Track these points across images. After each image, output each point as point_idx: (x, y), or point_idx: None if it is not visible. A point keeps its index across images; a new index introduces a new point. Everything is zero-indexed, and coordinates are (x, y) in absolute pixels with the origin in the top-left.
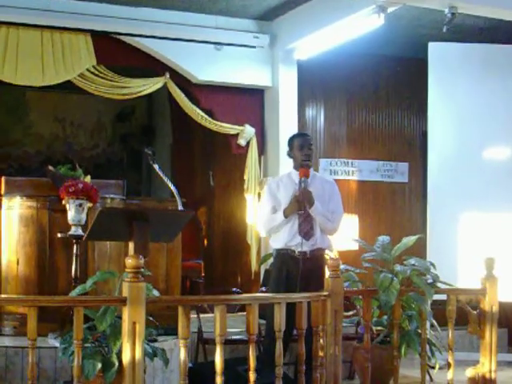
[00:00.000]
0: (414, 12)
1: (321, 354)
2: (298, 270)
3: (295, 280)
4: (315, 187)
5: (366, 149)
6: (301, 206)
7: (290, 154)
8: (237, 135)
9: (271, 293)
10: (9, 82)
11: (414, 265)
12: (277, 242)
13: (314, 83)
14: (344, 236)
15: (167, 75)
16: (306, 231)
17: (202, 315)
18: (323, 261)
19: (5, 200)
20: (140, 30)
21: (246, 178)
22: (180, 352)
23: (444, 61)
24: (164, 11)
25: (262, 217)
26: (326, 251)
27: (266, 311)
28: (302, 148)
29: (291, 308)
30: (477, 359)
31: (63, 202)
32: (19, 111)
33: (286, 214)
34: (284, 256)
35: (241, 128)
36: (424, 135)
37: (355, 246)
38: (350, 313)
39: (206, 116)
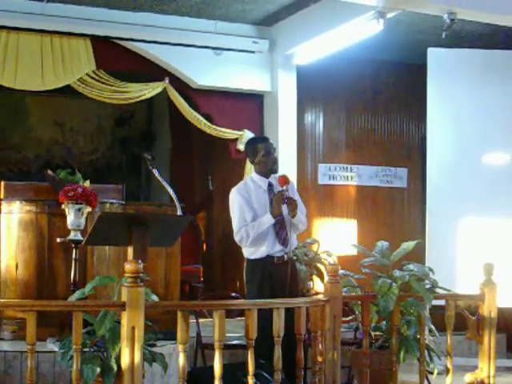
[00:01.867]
0: (413, 18)
1: (319, 359)
2: (282, 276)
3: (280, 286)
4: (279, 190)
5: (365, 154)
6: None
7: (252, 160)
8: (236, 140)
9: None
10: (8, 86)
11: (412, 270)
12: (257, 253)
13: (314, 88)
14: (343, 241)
15: (167, 80)
16: (284, 238)
17: (200, 320)
18: (294, 263)
19: (4, 204)
20: (140, 34)
21: None
22: (179, 357)
23: (443, 66)
24: (163, 16)
25: (244, 227)
26: (325, 256)
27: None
28: (269, 154)
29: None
30: (475, 365)
31: (62, 206)
32: (19, 115)
33: (275, 215)
34: (265, 265)
35: (240, 133)
36: (423, 140)
37: (354, 252)
38: (349, 318)
39: (205, 121)
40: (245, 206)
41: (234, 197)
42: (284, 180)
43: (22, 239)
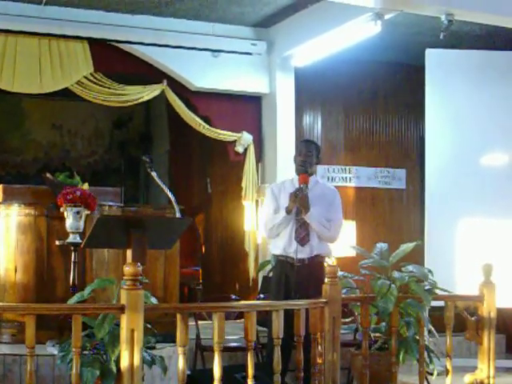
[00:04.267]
0: (411, 19)
1: (319, 360)
2: (296, 277)
3: (297, 289)
4: (315, 194)
5: (363, 155)
6: (298, 211)
7: (294, 159)
8: (234, 142)
9: (272, 300)
10: (6, 89)
11: (411, 271)
12: (276, 248)
13: (312, 90)
14: (342, 243)
15: (165, 82)
16: (302, 237)
17: (200, 322)
18: (322, 267)
19: (3, 207)
20: (137, 37)
21: (243, 184)
22: (178, 359)
23: (441, 67)
24: (161, 19)
25: (265, 217)
26: (325, 258)
27: (268, 318)
28: (300, 153)
29: (292, 315)
30: (475, 365)
31: (61, 209)
32: (16, 119)
33: (289, 210)
34: (283, 263)
35: (238, 135)
36: (421, 141)
37: (353, 253)
38: (348, 319)
39: (204, 123)
40: (270, 199)
41: (268, 191)
42: (303, 179)
43: (21, 242)
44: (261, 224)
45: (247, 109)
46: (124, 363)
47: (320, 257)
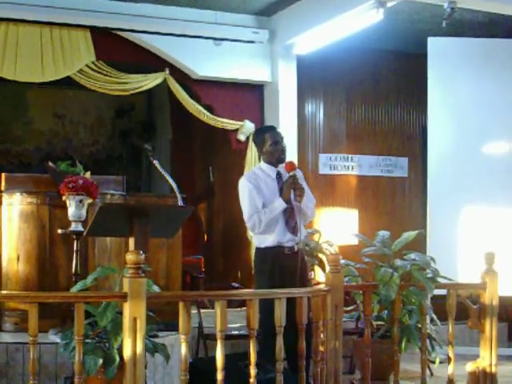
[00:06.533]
0: (414, 7)
1: (321, 348)
2: (292, 266)
3: (290, 276)
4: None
5: (365, 144)
6: (289, 199)
7: (260, 150)
8: (236, 131)
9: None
10: (8, 78)
11: (414, 259)
12: (267, 241)
13: (314, 78)
14: (344, 231)
15: (167, 71)
16: (293, 226)
17: (202, 310)
18: (304, 254)
19: (5, 196)
20: (139, 25)
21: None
22: (181, 347)
23: (443, 55)
24: (163, 7)
25: (256, 213)
26: (326, 246)
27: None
28: (277, 143)
29: (290, 304)
30: (477, 353)
31: (63, 198)
32: (19, 107)
33: (286, 199)
34: (275, 253)
35: (240, 123)
36: (423, 130)
37: (355, 241)
38: (351, 308)
39: (206, 111)
40: (254, 193)
41: (244, 185)
42: (291, 166)
43: (23, 231)
44: (252, 220)
45: (249, 97)
46: (127, 351)
47: (300, 243)
